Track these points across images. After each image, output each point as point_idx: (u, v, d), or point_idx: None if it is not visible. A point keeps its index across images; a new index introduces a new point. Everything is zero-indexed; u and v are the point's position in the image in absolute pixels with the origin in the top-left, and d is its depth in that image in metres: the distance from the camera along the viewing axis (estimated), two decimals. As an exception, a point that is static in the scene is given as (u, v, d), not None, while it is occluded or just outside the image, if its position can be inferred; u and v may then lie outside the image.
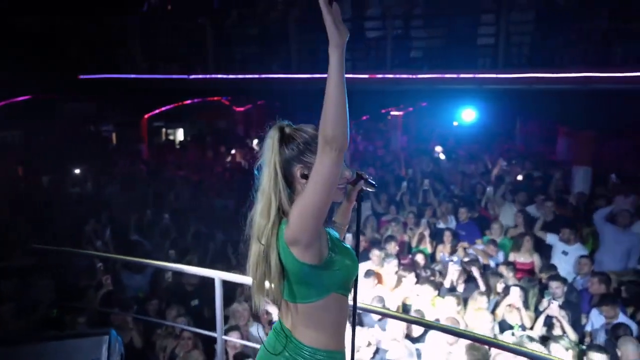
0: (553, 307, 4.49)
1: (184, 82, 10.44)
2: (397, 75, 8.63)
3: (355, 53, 9.05)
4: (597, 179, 8.60)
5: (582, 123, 8.16)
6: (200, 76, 10.24)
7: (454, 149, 13.21)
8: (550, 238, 6.24)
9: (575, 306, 5.01)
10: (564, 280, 5.02)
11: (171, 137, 17.84)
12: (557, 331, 4.51)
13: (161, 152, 13.72)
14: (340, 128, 1.38)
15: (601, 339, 4.68)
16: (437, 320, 4.35)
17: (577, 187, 8.13)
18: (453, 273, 5.03)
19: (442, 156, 11.37)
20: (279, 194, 1.62)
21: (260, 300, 1.70)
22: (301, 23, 9.44)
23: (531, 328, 4.63)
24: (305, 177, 1.61)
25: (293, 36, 9.32)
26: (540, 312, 4.74)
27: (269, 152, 1.64)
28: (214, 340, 4.78)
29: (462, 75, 8.12)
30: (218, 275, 2.79)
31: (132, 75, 11.00)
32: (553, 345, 3.79)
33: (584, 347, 4.04)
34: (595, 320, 4.87)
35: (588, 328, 4.89)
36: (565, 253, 6.03)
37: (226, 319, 5.41)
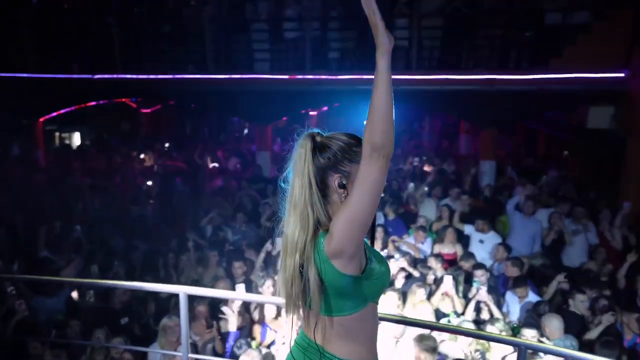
0: (482, 293, 4.86)
1: (88, 83, 9.65)
2: (317, 76, 8.75)
3: (273, 54, 9.01)
4: (498, 172, 9.47)
5: (486, 121, 8.90)
6: (106, 76, 9.53)
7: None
8: (467, 229, 6.75)
9: (495, 290, 5.47)
10: (486, 268, 5.45)
11: (67, 142, 16.35)
12: (484, 315, 4.89)
13: (61, 158, 12.51)
14: (389, 135, 1.37)
15: (515, 316, 5.19)
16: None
17: (484, 180, 8.87)
18: (393, 269, 5.23)
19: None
20: (315, 206, 1.55)
21: (293, 317, 1.63)
22: (216, 22, 9.18)
23: (462, 314, 4.97)
24: (342, 186, 1.57)
25: (208, 35, 9.03)
26: (469, 299, 5.11)
27: (301, 162, 1.57)
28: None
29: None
30: (183, 290, 2.61)
31: (23, 75, 9.93)
32: (490, 328, 4.10)
33: (515, 325, 4.41)
34: (510, 300, 5.37)
35: (504, 309, 5.37)
36: (481, 242, 6.56)
37: (155, 334, 5.14)
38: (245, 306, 4.81)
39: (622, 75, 7.80)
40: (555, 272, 5.97)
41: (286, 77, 8.84)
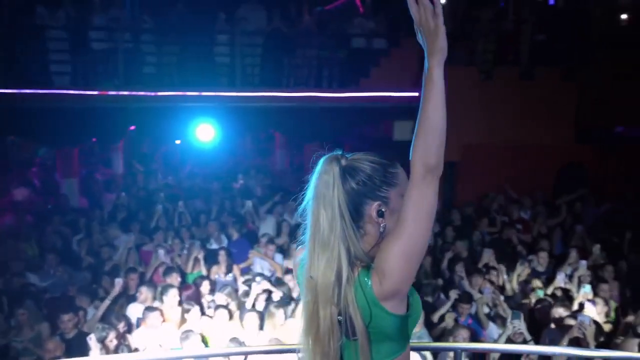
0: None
1: None
2: (133, 93, 7.92)
3: (77, 66, 7.84)
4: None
5: (308, 136, 9.35)
6: None
7: (181, 167, 13.09)
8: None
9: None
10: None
11: None
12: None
13: None
14: (442, 154, 1.26)
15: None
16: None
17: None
18: (257, 291, 4.98)
19: (170, 179, 11.27)
20: (351, 240, 1.31)
21: None
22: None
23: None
24: (381, 214, 1.35)
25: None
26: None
27: (329, 190, 1.33)
28: None
29: (204, 94, 8.11)
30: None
31: None
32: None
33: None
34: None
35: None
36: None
37: None
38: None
39: (416, 94, 9.10)
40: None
41: (95, 92, 7.77)
